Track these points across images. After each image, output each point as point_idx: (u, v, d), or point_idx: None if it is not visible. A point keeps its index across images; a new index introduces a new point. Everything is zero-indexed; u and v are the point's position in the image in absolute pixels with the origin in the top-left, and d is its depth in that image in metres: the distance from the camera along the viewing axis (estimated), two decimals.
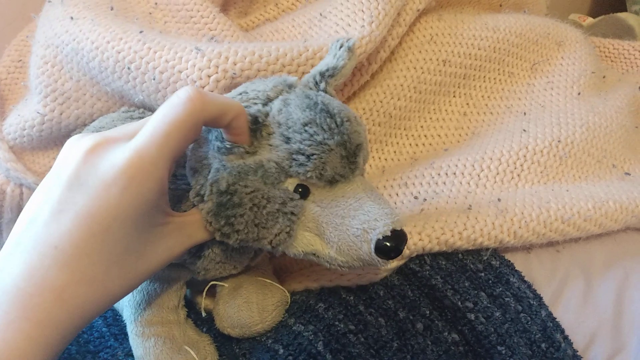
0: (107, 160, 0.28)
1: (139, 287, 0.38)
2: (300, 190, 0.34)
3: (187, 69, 0.43)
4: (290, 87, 0.36)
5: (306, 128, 0.33)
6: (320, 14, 0.54)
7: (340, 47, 0.38)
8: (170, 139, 0.28)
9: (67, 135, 0.52)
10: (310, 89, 0.37)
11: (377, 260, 0.32)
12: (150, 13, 0.53)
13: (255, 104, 0.34)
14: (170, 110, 0.29)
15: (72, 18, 0.48)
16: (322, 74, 0.37)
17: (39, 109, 0.50)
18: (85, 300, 0.28)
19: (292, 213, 0.33)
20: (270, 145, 0.33)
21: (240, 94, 0.35)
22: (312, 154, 0.32)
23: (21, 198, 0.55)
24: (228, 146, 0.33)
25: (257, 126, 0.33)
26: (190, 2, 0.54)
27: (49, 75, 0.49)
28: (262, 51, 0.44)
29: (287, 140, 0.33)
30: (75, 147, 0.29)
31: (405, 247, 0.41)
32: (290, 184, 0.34)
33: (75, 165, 0.28)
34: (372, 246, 0.32)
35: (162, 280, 0.39)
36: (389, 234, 0.32)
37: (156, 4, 0.54)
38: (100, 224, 0.27)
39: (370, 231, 0.32)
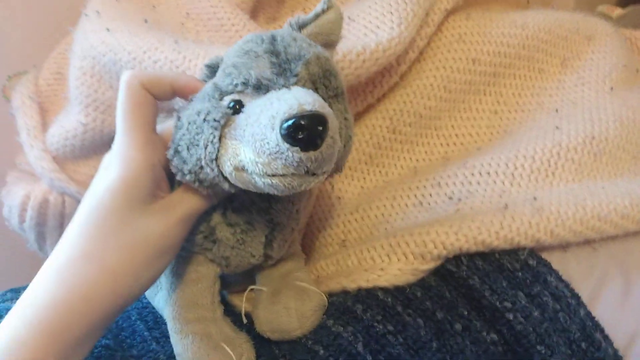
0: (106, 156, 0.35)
1: (173, 286, 0.39)
2: (232, 104, 0.33)
3: None
4: None
5: (242, 45, 0.34)
6: (349, 17, 0.54)
7: None
8: (127, 116, 0.33)
9: (108, 143, 0.53)
10: None
11: (287, 150, 0.28)
12: (183, 24, 0.55)
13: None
14: (119, 100, 0.34)
15: (108, 30, 0.50)
16: (290, 23, 0.37)
17: (80, 119, 0.51)
18: (85, 276, 0.29)
19: (215, 119, 0.32)
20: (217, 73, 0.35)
21: None
22: (239, 63, 0.33)
23: (64, 206, 0.56)
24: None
25: (214, 69, 0.35)
26: (220, 10, 0.55)
27: (89, 85, 0.51)
28: None
29: (224, 61, 0.34)
30: None
31: (442, 247, 0.42)
32: (226, 100, 0.33)
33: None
34: (278, 131, 0.28)
35: (192, 278, 0.39)
36: (294, 112, 0.28)
37: (187, 14, 0.55)
38: (95, 197, 0.32)
39: (276, 115, 0.29)
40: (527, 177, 0.49)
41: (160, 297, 0.45)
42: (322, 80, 0.34)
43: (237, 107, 0.33)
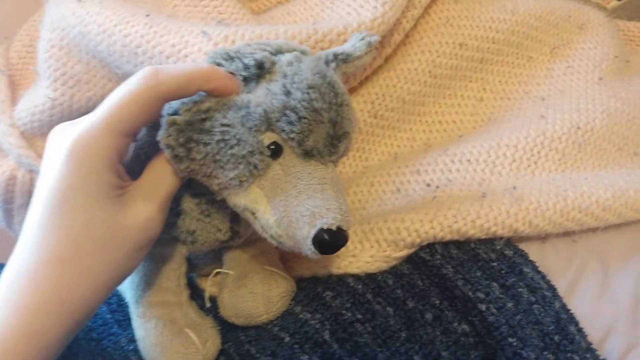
0: (62, 140, 0.29)
1: (137, 268, 0.38)
2: (273, 147, 0.32)
3: (193, 53, 0.42)
4: (303, 52, 0.36)
5: (309, 90, 0.32)
6: None
7: (362, 39, 0.38)
8: (119, 114, 0.29)
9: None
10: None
11: (309, 248, 0.31)
12: None
13: (265, 50, 0.34)
14: (124, 88, 0.30)
15: (79, 0, 0.48)
16: (335, 55, 0.36)
17: (49, 94, 0.49)
18: (60, 279, 0.28)
19: (256, 167, 0.32)
20: (269, 90, 0.32)
21: (250, 43, 0.35)
22: (304, 117, 0.31)
23: (32, 184, 0.55)
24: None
25: (262, 72, 0.33)
26: None
27: (57, 58, 0.49)
28: (270, 34, 0.43)
29: (287, 93, 0.32)
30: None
31: (416, 235, 0.41)
32: (268, 137, 0.32)
33: (46, 153, 0.31)
34: (313, 232, 0.31)
35: (157, 260, 0.38)
36: (334, 228, 0.31)
37: None
38: (57, 197, 0.28)
39: (319, 217, 0.31)
40: (509, 166, 0.48)
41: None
42: (348, 149, 0.36)
43: (276, 151, 0.32)
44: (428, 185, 0.48)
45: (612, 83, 0.58)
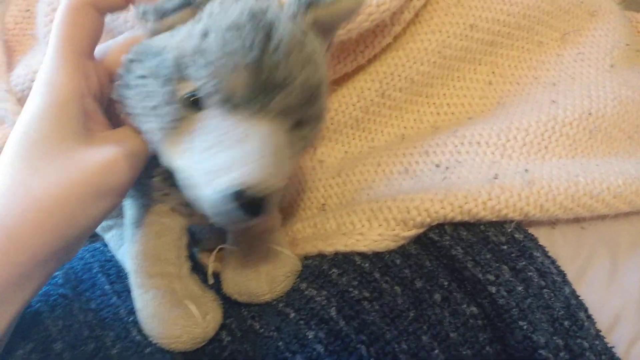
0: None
1: (136, 238, 0.36)
2: (193, 99, 0.28)
3: None
4: None
5: (227, 30, 0.27)
6: None
7: None
8: (60, 38, 0.30)
9: None
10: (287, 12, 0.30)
11: (211, 215, 0.27)
12: None
13: None
14: (57, 14, 0.30)
15: None
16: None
17: None
18: (9, 211, 0.27)
19: (165, 119, 0.29)
20: (189, 32, 0.28)
21: None
22: (212, 62, 0.27)
23: None
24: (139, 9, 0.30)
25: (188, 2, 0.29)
26: None
27: None
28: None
29: (204, 35, 0.27)
30: None
31: (426, 214, 0.39)
32: (184, 87, 0.28)
33: None
34: (210, 194, 0.26)
35: (156, 230, 0.37)
36: (233, 190, 0.26)
37: None
38: (22, 125, 0.29)
39: (217, 176, 0.26)
40: (519, 150, 0.47)
41: (123, 250, 0.42)
42: (296, 109, 0.29)
43: (196, 102, 0.28)
44: (437, 166, 0.47)
45: (623, 71, 0.57)
